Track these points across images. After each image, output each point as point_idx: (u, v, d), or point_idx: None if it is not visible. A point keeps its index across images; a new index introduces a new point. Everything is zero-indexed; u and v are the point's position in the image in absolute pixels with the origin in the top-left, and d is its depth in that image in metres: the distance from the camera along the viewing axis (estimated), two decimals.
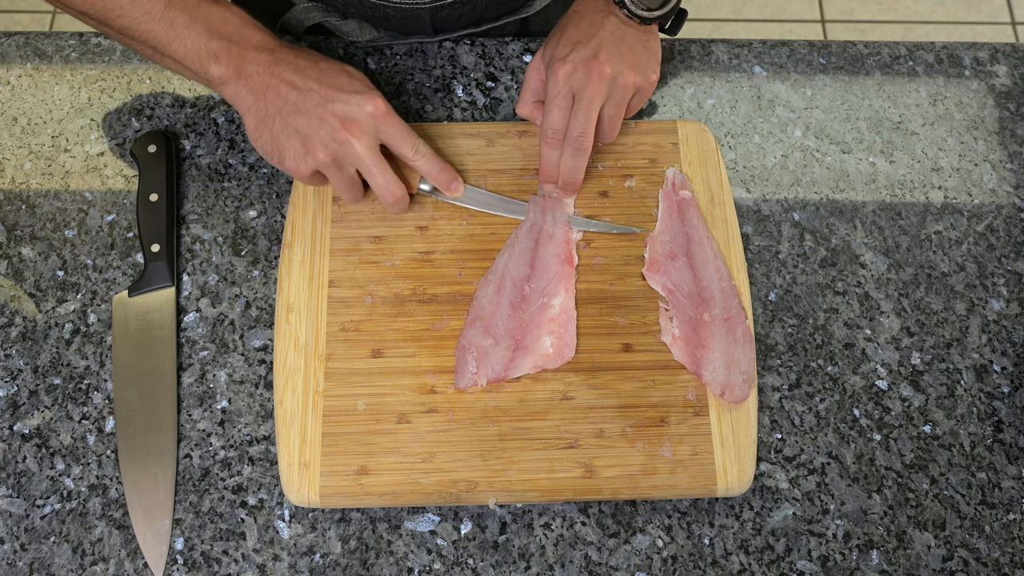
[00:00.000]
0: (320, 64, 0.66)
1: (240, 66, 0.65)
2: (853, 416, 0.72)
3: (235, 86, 0.65)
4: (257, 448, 0.69)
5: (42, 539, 0.66)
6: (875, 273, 0.77)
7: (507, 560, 0.67)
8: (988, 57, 0.87)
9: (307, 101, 0.64)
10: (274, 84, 0.65)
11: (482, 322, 0.70)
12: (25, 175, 0.78)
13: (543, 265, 0.72)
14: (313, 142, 0.65)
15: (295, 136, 0.65)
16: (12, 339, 0.72)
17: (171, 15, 0.64)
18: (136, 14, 0.64)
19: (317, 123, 0.64)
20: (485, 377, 0.68)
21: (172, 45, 0.65)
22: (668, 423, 0.68)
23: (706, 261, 0.73)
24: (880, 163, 0.81)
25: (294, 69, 0.65)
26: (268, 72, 0.65)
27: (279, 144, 0.65)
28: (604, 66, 0.69)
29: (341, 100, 0.64)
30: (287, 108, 0.64)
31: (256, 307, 0.74)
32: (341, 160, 0.66)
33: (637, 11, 0.70)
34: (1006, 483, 0.70)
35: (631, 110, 0.73)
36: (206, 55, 0.64)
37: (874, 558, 0.67)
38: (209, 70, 0.65)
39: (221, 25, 0.65)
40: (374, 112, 0.65)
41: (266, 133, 0.66)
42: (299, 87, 0.65)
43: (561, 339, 0.70)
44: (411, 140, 0.67)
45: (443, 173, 0.70)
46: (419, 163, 0.68)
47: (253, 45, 0.65)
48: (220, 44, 0.64)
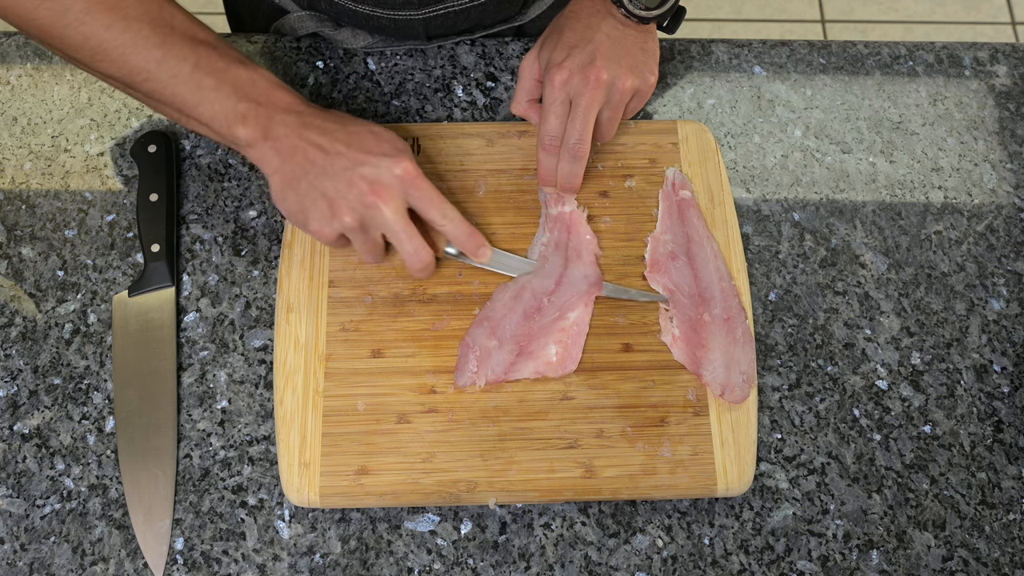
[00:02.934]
0: (348, 127, 0.65)
1: (268, 128, 0.63)
2: (853, 416, 0.72)
3: (262, 148, 0.64)
4: (257, 448, 0.69)
5: (42, 539, 0.66)
6: (875, 273, 0.77)
7: (507, 560, 0.67)
8: (988, 57, 0.87)
9: (335, 164, 0.63)
10: (302, 146, 0.63)
11: (490, 323, 0.70)
12: (25, 175, 0.78)
13: (570, 283, 0.72)
14: (340, 205, 0.63)
15: (322, 199, 0.63)
16: (12, 339, 0.72)
17: (198, 78, 0.62)
18: (163, 77, 0.62)
19: (345, 186, 0.63)
20: (484, 378, 0.68)
21: (199, 108, 0.63)
22: (668, 423, 0.68)
23: (706, 261, 0.73)
24: (880, 163, 0.81)
25: (322, 132, 0.64)
26: (296, 135, 0.63)
27: (304, 206, 0.64)
28: (601, 71, 0.69)
29: (370, 163, 0.63)
30: (314, 171, 0.63)
31: (256, 307, 0.74)
32: (368, 224, 0.65)
33: (635, 11, 0.69)
34: (1006, 483, 0.70)
35: (629, 111, 0.73)
36: (233, 117, 0.63)
37: (874, 558, 0.67)
38: (236, 132, 0.63)
39: (249, 87, 0.63)
40: (403, 176, 0.63)
41: (292, 195, 0.64)
42: (327, 150, 0.63)
43: (567, 349, 0.70)
44: (440, 204, 0.65)
45: (471, 239, 0.68)
46: (447, 228, 0.66)
47: (281, 107, 0.64)
48: (248, 106, 0.63)
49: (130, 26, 0.61)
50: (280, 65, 0.83)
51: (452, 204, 0.66)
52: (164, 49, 0.62)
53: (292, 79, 0.83)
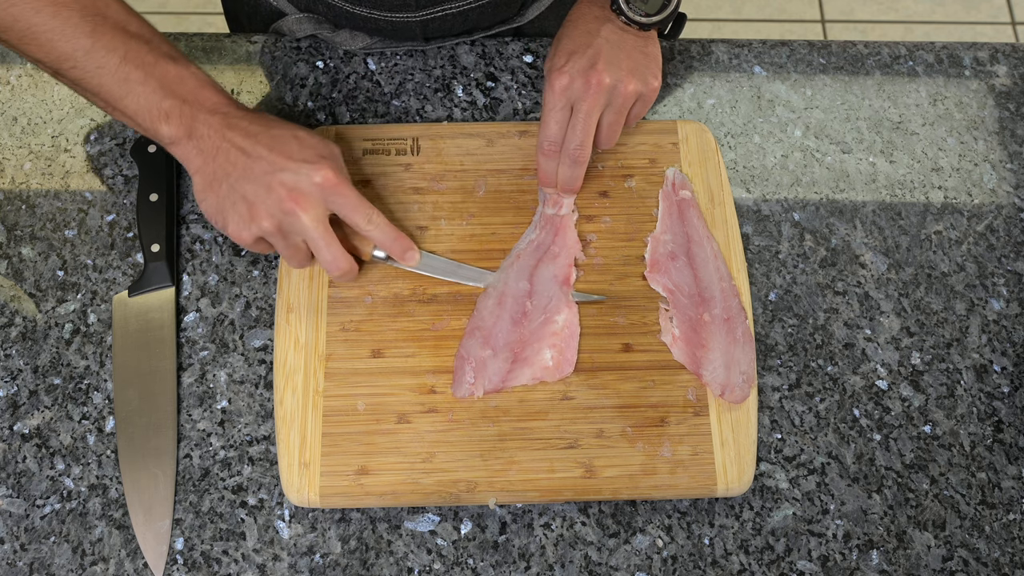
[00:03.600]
0: (273, 130, 0.64)
1: (191, 127, 0.63)
2: (853, 416, 0.72)
3: (185, 147, 0.63)
4: (257, 448, 0.69)
5: (42, 539, 0.66)
6: (875, 273, 0.77)
7: (507, 560, 0.67)
8: (988, 57, 0.87)
9: (255, 168, 0.62)
10: (224, 148, 0.63)
11: (481, 332, 0.70)
12: (25, 175, 0.78)
13: (542, 284, 0.72)
14: (259, 210, 0.63)
15: (241, 202, 0.63)
16: (12, 339, 0.72)
17: (126, 71, 0.62)
18: (89, 67, 0.61)
19: (264, 191, 0.62)
20: (482, 388, 0.68)
21: (124, 100, 0.62)
22: (668, 423, 0.68)
23: (706, 261, 0.73)
24: (880, 163, 0.81)
25: (245, 134, 0.63)
26: (219, 135, 0.63)
27: (224, 208, 0.64)
28: (603, 75, 0.68)
29: (290, 169, 0.62)
30: (235, 173, 0.63)
31: (256, 307, 0.74)
32: (287, 230, 0.64)
33: (635, 17, 0.69)
34: (1006, 483, 0.70)
35: (632, 118, 0.72)
36: (157, 113, 0.62)
37: (874, 558, 0.67)
38: (160, 129, 0.63)
39: (176, 84, 0.63)
40: (323, 183, 0.63)
41: (211, 196, 0.64)
42: (249, 153, 0.63)
43: (562, 353, 0.70)
44: (364, 210, 0.65)
45: (397, 242, 0.68)
46: (372, 232, 0.66)
47: (207, 107, 0.63)
48: (173, 103, 0.62)
49: (59, 12, 0.61)
50: (280, 65, 0.84)
51: (377, 209, 0.65)
52: (93, 39, 0.61)
53: (292, 79, 0.83)
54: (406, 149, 0.78)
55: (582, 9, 0.73)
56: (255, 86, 0.83)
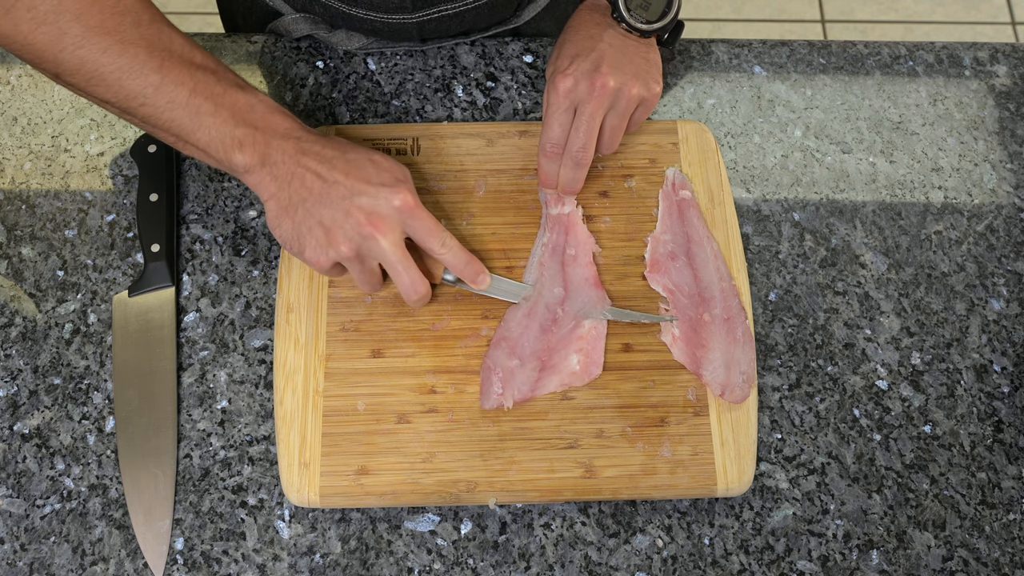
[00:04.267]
0: (348, 155, 0.64)
1: (265, 154, 0.63)
2: (853, 416, 0.72)
3: (259, 174, 0.63)
4: (257, 448, 0.69)
5: (42, 539, 0.66)
6: (875, 273, 0.77)
7: (507, 560, 0.67)
8: (988, 57, 0.87)
9: (333, 193, 0.62)
10: (299, 173, 0.63)
11: (508, 343, 0.69)
12: (25, 175, 0.78)
13: (576, 288, 0.72)
14: (336, 235, 0.63)
15: (318, 227, 0.63)
16: (12, 339, 0.72)
17: (196, 103, 0.61)
18: (160, 102, 0.61)
19: (342, 216, 0.62)
20: (511, 398, 0.68)
21: (196, 133, 0.62)
22: (668, 423, 0.68)
23: (706, 261, 0.73)
24: (880, 163, 0.81)
25: (321, 160, 0.63)
26: (294, 161, 0.63)
27: (300, 234, 0.63)
28: (607, 78, 0.68)
29: (368, 193, 0.62)
30: (311, 199, 0.63)
31: (256, 307, 0.74)
32: (365, 255, 0.64)
33: (636, 24, 0.69)
34: (1006, 483, 0.70)
35: (634, 122, 0.72)
36: (231, 143, 0.62)
37: (874, 558, 0.67)
38: (234, 158, 0.62)
39: (247, 112, 0.63)
40: (401, 207, 0.63)
41: (287, 222, 0.64)
42: (325, 178, 0.63)
43: (588, 356, 0.70)
44: (438, 234, 0.65)
45: (469, 266, 0.67)
46: (445, 256, 0.66)
47: (279, 133, 0.63)
48: (246, 132, 0.62)
49: (127, 50, 0.60)
50: (280, 65, 0.84)
51: (449, 232, 0.66)
52: (161, 74, 0.61)
53: (292, 79, 0.83)
54: (406, 149, 0.78)
55: (583, 16, 0.73)
56: (255, 86, 0.83)
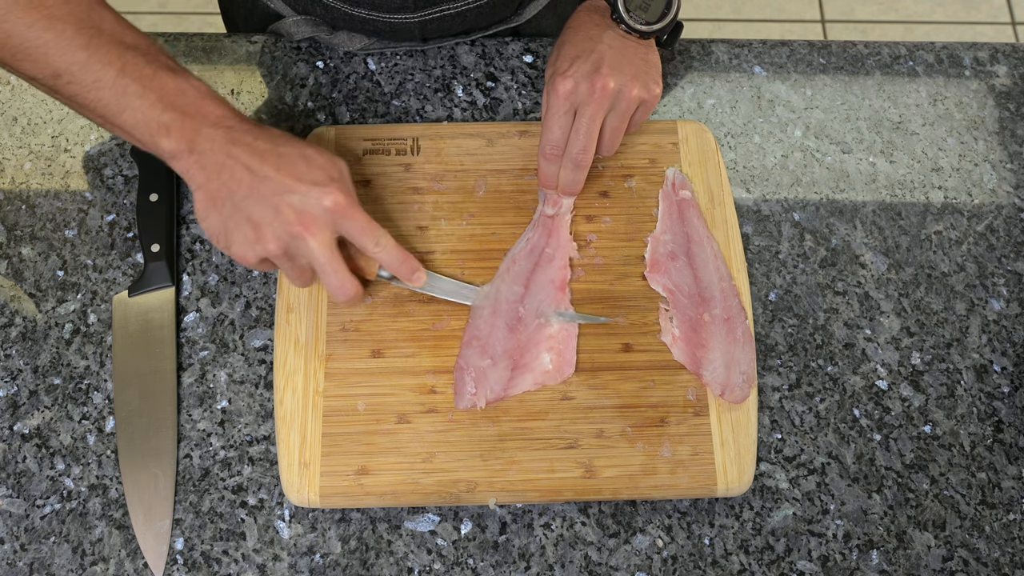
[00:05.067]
0: (280, 148, 0.62)
1: (193, 141, 0.60)
2: (853, 416, 0.72)
3: (186, 161, 0.61)
4: (257, 448, 0.69)
5: (42, 539, 0.66)
6: (875, 273, 0.77)
7: (507, 560, 0.67)
8: (988, 57, 0.87)
9: (262, 188, 0.60)
10: (229, 164, 0.60)
11: (479, 342, 0.69)
12: (25, 175, 0.78)
13: (537, 287, 0.72)
14: (265, 232, 0.60)
15: (246, 223, 0.61)
16: (12, 339, 0.72)
17: (123, 84, 0.59)
18: (86, 81, 0.59)
19: (271, 213, 0.60)
20: (484, 398, 0.68)
21: (122, 115, 0.60)
22: (668, 423, 0.68)
23: (706, 261, 0.73)
24: (880, 163, 0.81)
25: (252, 152, 0.61)
26: (223, 151, 0.60)
27: (228, 228, 0.61)
28: (607, 80, 0.68)
29: (298, 191, 0.60)
30: (240, 192, 0.60)
31: (256, 307, 0.74)
32: (293, 253, 0.62)
33: (635, 25, 0.69)
34: (1006, 483, 0.70)
35: (634, 124, 0.72)
36: (157, 127, 0.60)
37: (874, 558, 0.67)
38: (160, 143, 0.60)
39: (176, 97, 0.60)
40: (332, 207, 0.61)
41: (215, 215, 0.61)
42: (255, 172, 0.60)
43: (561, 355, 0.70)
44: (372, 232, 0.63)
45: (404, 264, 0.66)
46: (380, 255, 0.64)
47: (210, 120, 0.61)
48: (173, 116, 0.60)
49: (53, 25, 0.58)
50: (280, 65, 0.84)
51: (383, 229, 0.64)
52: (89, 51, 0.59)
53: (292, 79, 0.83)
54: (406, 149, 0.78)
55: (583, 17, 0.73)
56: (255, 86, 0.83)
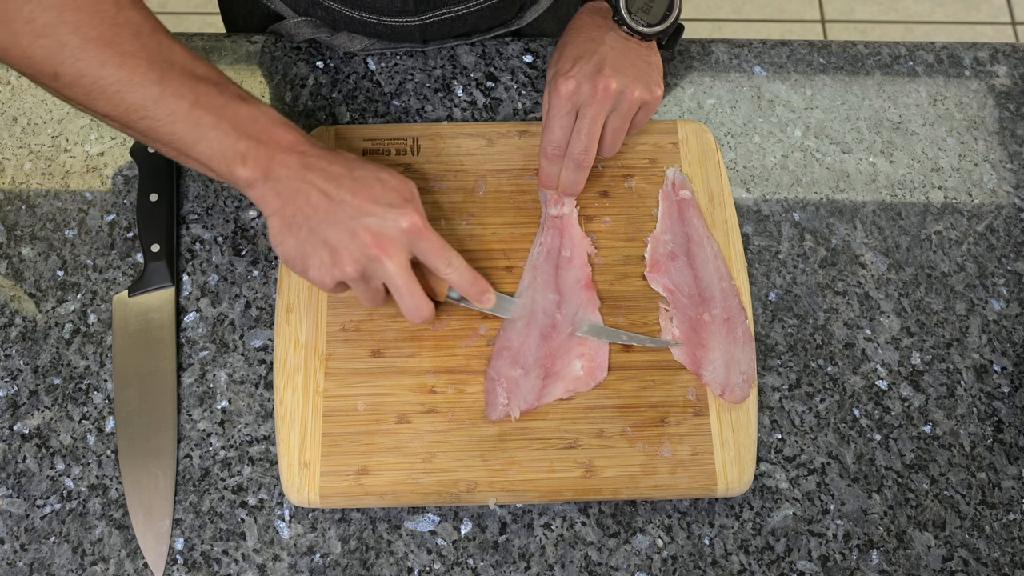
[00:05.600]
0: (355, 172, 0.63)
1: (268, 168, 0.61)
2: (853, 416, 0.72)
3: (262, 189, 0.61)
4: (257, 448, 0.69)
5: (42, 539, 0.66)
6: (875, 273, 0.77)
7: (507, 560, 0.67)
8: (988, 57, 0.87)
9: (339, 212, 0.61)
10: (304, 190, 0.61)
11: (509, 352, 0.69)
12: (25, 175, 0.78)
13: (568, 291, 0.71)
14: (342, 256, 0.61)
15: (323, 247, 0.61)
16: (12, 339, 0.72)
17: (197, 115, 0.60)
18: (160, 115, 0.59)
19: (348, 237, 0.61)
20: (518, 408, 0.68)
21: (198, 146, 0.60)
22: (668, 423, 0.68)
23: (706, 261, 0.73)
24: (880, 163, 0.81)
25: (327, 177, 0.61)
26: (298, 176, 0.61)
27: (304, 253, 0.62)
28: (609, 81, 0.68)
29: (375, 214, 0.61)
30: (316, 217, 0.61)
31: (256, 307, 0.74)
32: (370, 275, 0.63)
33: (637, 27, 0.69)
34: (1006, 483, 0.70)
35: (635, 125, 0.72)
36: (233, 156, 0.60)
37: (874, 558, 0.67)
38: (236, 172, 0.61)
39: (250, 125, 0.61)
40: (409, 228, 0.61)
41: (291, 239, 0.62)
42: (331, 196, 0.61)
43: (592, 360, 0.69)
44: (445, 254, 0.64)
45: (475, 286, 0.66)
46: (452, 276, 0.65)
47: (283, 146, 0.61)
48: (248, 145, 0.60)
49: (126, 62, 0.58)
50: (280, 65, 0.84)
51: (455, 251, 0.65)
52: (162, 86, 0.59)
53: (292, 79, 0.83)
54: (406, 149, 0.78)
55: (584, 18, 0.73)
56: (255, 86, 0.83)
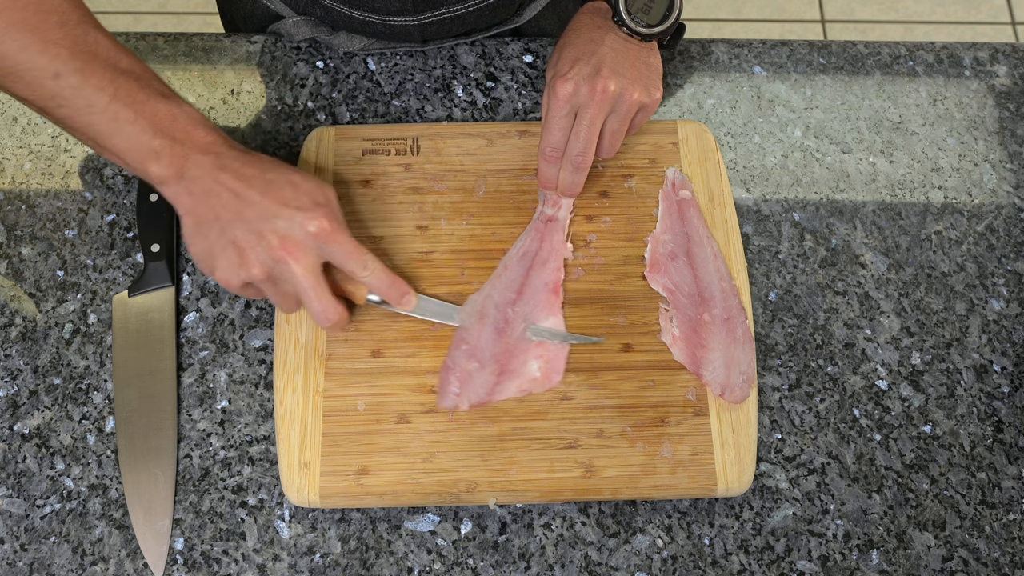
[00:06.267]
0: (268, 174, 0.62)
1: (182, 167, 0.60)
2: (853, 416, 0.72)
3: (175, 187, 0.61)
4: (257, 448, 0.69)
5: (42, 539, 0.66)
6: (875, 273, 0.77)
7: (507, 560, 0.67)
8: (988, 57, 0.87)
9: (247, 213, 0.60)
10: (216, 190, 0.61)
11: (467, 344, 0.69)
12: (25, 175, 0.78)
13: (531, 291, 0.71)
14: (249, 256, 0.61)
15: (231, 247, 0.61)
16: (12, 339, 0.72)
17: (115, 109, 0.59)
18: (78, 105, 0.59)
19: (255, 238, 0.60)
20: (467, 401, 0.68)
21: (113, 139, 0.60)
22: (668, 423, 0.68)
23: (706, 261, 0.73)
24: (880, 163, 0.81)
25: (238, 177, 0.61)
26: (211, 177, 0.61)
27: (213, 253, 0.61)
28: (608, 83, 0.68)
29: (283, 216, 0.60)
30: (226, 217, 0.61)
31: (256, 307, 0.74)
32: (276, 277, 0.62)
33: (637, 28, 0.69)
34: (1006, 483, 0.70)
35: (634, 127, 0.72)
36: (147, 153, 0.60)
37: (874, 558, 0.67)
38: (149, 169, 0.60)
39: (167, 123, 0.60)
40: (317, 232, 0.61)
41: (201, 240, 0.62)
42: (241, 196, 0.60)
43: (549, 363, 0.69)
44: (358, 257, 0.63)
45: (393, 288, 0.66)
46: (368, 279, 0.64)
47: (199, 147, 0.61)
48: (163, 143, 0.60)
49: (47, 49, 0.58)
50: (280, 65, 0.84)
51: (371, 254, 0.64)
52: (82, 76, 0.58)
53: (292, 79, 0.83)
54: (406, 149, 0.78)
55: (584, 19, 0.73)
56: (255, 86, 0.83)
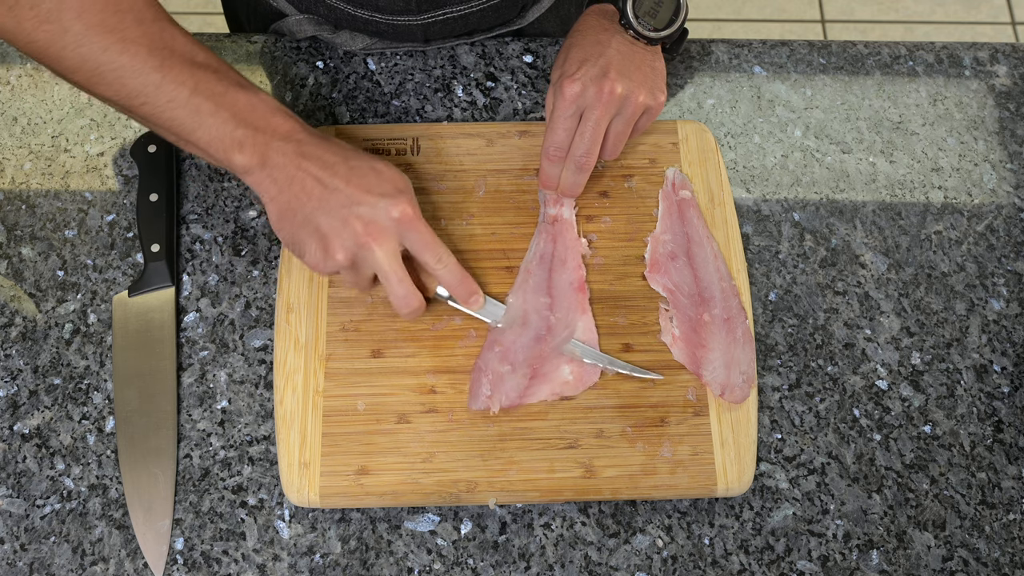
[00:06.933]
0: (350, 161, 0.63)
1: (265, 155, 0.62)
2: (853, 416, 0.72)
3: (259, 176, 0.63)
4: (257, 448, 0.69)
5: (42, 539, 0.66)
6: (875, 273, 0.77)
7: (507, 560, 0.67)
8: (988, 57, 0.87)
9: (332, 200, 0.62)
10: (299, 177, 0.62)
11: (501, 347, 0.69)
12: (25, 175, 0.78)
13: (560, 294, 0.71)
14: (333, 243, 0.62)
15: (315, 234, 0.62)
16: (12, 339, 0.72)
17: (196, 102, 0.61)
18: (160, 101, 0.61)
19: (340, 224, 0.62)
20: (499, 403, 0.68)
21: (196, 132, 0.61)
22: (668, 423, 0.68)
23: (706, 261, 0.73)
24: (880, 163, 0.81)
25: (322, 164, 0.62)
26: (294, 164, 0.62)
27: (300, 239, 0.63)
28: (615, 84, 0.68)
29: (367, 203, 0.62)
30: (311, 204, 0.62)
31: (256, 307, 0.74)
32: (360, 263, 0.63)
33: (643, 31, 0.69)
34: (1006, 483, 0.70)
35: (638, 130, 0.72)
36: (230, 143, 0.61)
37: (874, 558, 0.67)
38: (233, 158, 0.62)
39: (248, 113, 0.62)
40: (400, 218, 0.62)
41: (287, 226, 0.63)
42: (325, 184, 0.62)
43: (582, 366, 0.69)
44: (435, 249, 0.64)
45: (463, 285, 0.67)
46: (440, 272, 0.66)
47: (280, 134, 0.62)
48: (246, 132, 0.61)
49: (127, 48, 0.60)
50: (280, 65, 0.84)
51: (447, 248, 0.65)
52: (162, 72, 0.60)
53: (292, 79, 0.83)
54: (406, 149, 0.78)
55: (591, 20, 0.73)
56: (257, 85, 0.83)
